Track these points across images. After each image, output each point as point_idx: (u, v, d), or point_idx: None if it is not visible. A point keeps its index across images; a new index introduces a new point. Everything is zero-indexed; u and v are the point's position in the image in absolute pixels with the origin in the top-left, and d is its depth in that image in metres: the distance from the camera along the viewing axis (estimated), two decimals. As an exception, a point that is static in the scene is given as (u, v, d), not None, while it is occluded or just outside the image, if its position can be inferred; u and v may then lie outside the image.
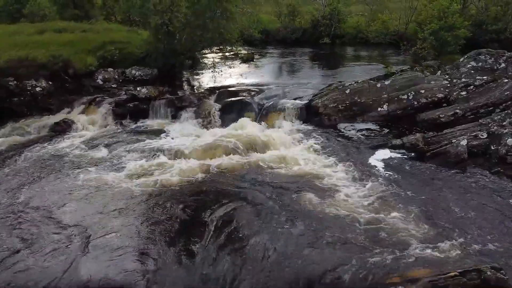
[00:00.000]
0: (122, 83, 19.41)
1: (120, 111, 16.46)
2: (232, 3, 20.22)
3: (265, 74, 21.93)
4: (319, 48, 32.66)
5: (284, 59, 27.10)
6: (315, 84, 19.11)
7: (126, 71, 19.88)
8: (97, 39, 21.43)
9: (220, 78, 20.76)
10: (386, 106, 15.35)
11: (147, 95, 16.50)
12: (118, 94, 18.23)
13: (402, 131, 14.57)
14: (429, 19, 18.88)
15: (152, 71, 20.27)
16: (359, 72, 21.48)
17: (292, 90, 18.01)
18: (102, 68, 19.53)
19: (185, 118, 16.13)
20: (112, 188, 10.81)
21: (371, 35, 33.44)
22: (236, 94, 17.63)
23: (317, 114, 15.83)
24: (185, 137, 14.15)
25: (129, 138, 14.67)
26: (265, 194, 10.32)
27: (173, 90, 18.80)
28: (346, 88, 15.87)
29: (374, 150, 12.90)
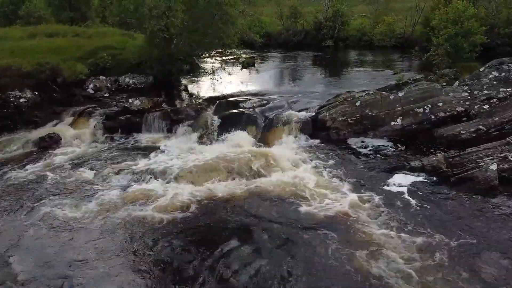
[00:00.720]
0: (115, 92, 17.96)
1: (111, 124, 14.97)
2: (232, 6, 18.69)
3: (267, 81, 20.45)
4: (322, 52, 31.18)
5: (286, 64, 25.62)
6: (321, 93, 17.64)
7: (119, 79, 18.42)
8: (89, 44, 19.95)
9: (220, 86, 19.25)
10: (400, 120, 13.85)
11: (140, 107, 15.00)
12: (110, 104, 16.79)
13: (419, 148, 13.08)
14: (443, 23, 17.35)
15: (147, 79, 18.80)
16: (366, 79, 20.01)
17: (297, 101, 16.52)
18: (94, 76, 18.08)
19: (181, 133, 14.63)
20: (85, 225, 9.24)
21: (375, 37, 31.98)
22: (237, 105, 16.13)
23: (324, 128, 14.34)
24: (180, 156, 12.63)
25: (119, 156, 13.18)
26: (267, 231, 8.82)
27: (169, 100, 17.36)
28: (356, 100, 14.36)
29: (391, 173, 11.39)
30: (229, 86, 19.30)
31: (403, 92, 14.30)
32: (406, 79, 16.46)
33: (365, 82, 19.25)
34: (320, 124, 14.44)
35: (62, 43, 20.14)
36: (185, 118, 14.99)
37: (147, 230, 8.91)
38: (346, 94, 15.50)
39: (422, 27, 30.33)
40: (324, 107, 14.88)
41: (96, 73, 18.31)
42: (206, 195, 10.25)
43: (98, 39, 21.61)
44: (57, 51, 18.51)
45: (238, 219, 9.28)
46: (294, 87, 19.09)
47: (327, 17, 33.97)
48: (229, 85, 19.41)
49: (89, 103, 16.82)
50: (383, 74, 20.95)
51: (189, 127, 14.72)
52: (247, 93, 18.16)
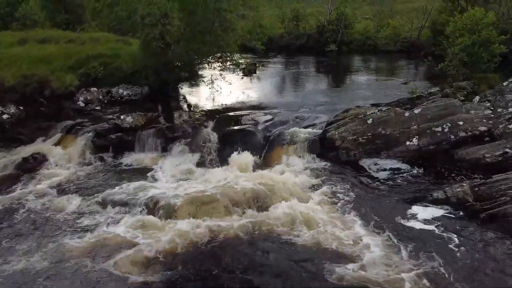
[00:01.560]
0: (107, 105, 16.61)
1: (102, 143, 13.62)
2: (232, 13, 17.32)
3: (269, 91, 19.10)
4: (325, 56, 29.81)
5: (288, 71, 24.24)
6: (327, 106, 16.31)
7: (112, 90, 17.06)
8: (81, 52, 18.57)
9: (219, 97, 17.90)
10: (416, 140, 12.50)
11: (133, 125, 13.64)
12: (102, 118, 15.44)
13: (439, 171, 11.75)
14: (458, 32, 15.97)
15: (142, 90, 17.45)
16: (374, 89, 18.65)
17: (302, 115, 15.17)
18: (85, 88, 16.70)
19: (177, 152, 13.29)
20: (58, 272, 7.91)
21: (380, 42, 30.58)
22: (237, 120, 14.77)
23: (333, 148, 12.99)
24: (176, 182, 11.27)
25: (109, 180, 11.86)
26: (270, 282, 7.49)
27: (165, 112, 16.02)
28: (368, 118, 13.00)
29: (410, 204, 10.06)
30: (229, 97, 17.96)
31: (419, 109, 12.94)
32: (419, 92, 15.07)
33: (373, 93, 17.90)
34: (329, 143, 13.09)
35: (53, 51, 18.74)
36: (181, 136, 13.63)
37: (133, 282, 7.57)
38: (356, 109, 14.15)
39: (429, 31, 29.00)
40: (332, 124, 13.52)
41: (87, 84, 16.95)
42: (203, 234, 8.89)
43: (91, 45, 20.22)
44: (47, 60, 17.14)
45: (241, 267, 7.94)
46: (298, 98, 17.71)
47: (330, 20, 32.54)
48: (229, 96, 18.07)
49: (79, 117, 15.47)
50: (392, 83, 19.60)
51: (185, 146, 13.37)
52: (248, 106, 16.82)
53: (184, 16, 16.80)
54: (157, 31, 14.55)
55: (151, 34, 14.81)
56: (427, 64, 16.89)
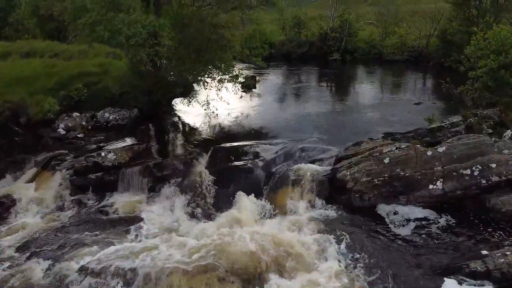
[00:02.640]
0: (91, 131, 14.77)
1: (81, 182, 11.80)
2: (230, 29, 15.44)
3: (269, 112, 17.21)
4: (328, 67, 27.84)
5: (290, 86, 22.29)
6: (335, 133, 14.51)
7: (97, 115, 15.20)
8: (65, 70, 16.69)
9: (215, 120, 16.10)
10: (440, 183, 10.66)
11: (116, 162, 11.74)
12: (85, 148, 13.63)
13: (470, 223, 10.00)
14: (480, 52, 14.08)
15: (130, 113, 15.61)
16: (385, 111, 16.77)
17: (307, 146, 13.29)
18: (66, 113, 14.80)
19: (166, 195, 11.46)
20: None
21: (386, 51, 28.61)
22: (235, 153, 12.92)
23: (344, 190, 11.16)
24: (163, 239, 9.42)
25: (85, 236, 10.02)
26: None
27: (155, 141, 14.17)
28: (384, 156, 11.13)
29: (441, 276, 8.22)
30: (226, 120, 16.12)
31: (443, 147, 11.06)
32: (439, 121, 13.19)
33: (384, 116, 16.03)
34: (339, 185, 11.25)
35: (35, 67, 16.88)
36: (171, 175, 11.79)
37: None
38: (369, 142, 12.26)
39: (437, 40, 27.06)
40: (342, 161, 11.65)
41: (69, 108, 15.07)
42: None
43: (78, 61, 18.34)
44: (25, 80, 15.23)
45: None
46: (302, 121, 15.82)
47: (333, 28, 30.56)
48: (226, 119, 16.23)
49: (58, 147, 13.63)
50: (404, 104, 17.73)
51: (175, 188, 11.53)
52: (247, 132, 15.03)
53: (177, 33, 14.93)
54: (144, 53, 12.66)
55: (138, 56, 12.92)
56: (444, 87, 15.01)
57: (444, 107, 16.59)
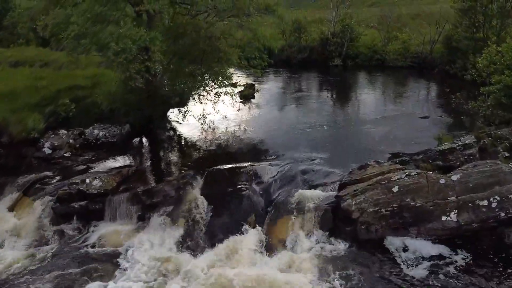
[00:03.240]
0: (79, 150, 13.79)
1: (64, 210, 10.85)
2: (226, 41, 14.44)
3: (268, 126, 16.23)
4: (329, 73, 26.84)
5: (289, 96, 21.31)
6: (338, 151, 13.60)
7: (85, 132, 14.23)
8: (53, 83, 15.67)
9: (211, 136, 15.16)
10: (454, 215, 9.71)
11: (101, 190, 10.75)
12: (71, 169, 12.68)
13: (488, 261, 9.04)
14: (492, 66, 13.07)
15: (121, 129, 14.62)
16: (390, 125, 15.79)
17: (309, 168, 12.33)
18: (52, 131, 13.82)
19: (156, 225, 10.48)
20: None
21: (389, 57, 27.57)
22: (232, 176, 11.95)
23: (349, 221, 10.20)
24: (151, 281, 8.43)
25: (68, 271, 9.11)
26: None
27: (146, 162, 13.23)
28: (393, 184, 10.16)
29: (461, 331, 7.22)
30: (223, 137, 15.14)
31: (457, 175, 10.08)
32: (449, 141, 12.16)
33: (389, 131, 15.05)
34: (344, 215, 10.28)
35: (21, 80, 15.87)
36: (162, 202, 10.81)
37: None
38: (375, 166, 11.32)
39: (442, 46, 26.02)
40: (347, 189, 10.67)
41: (56, 124, 14.08)
42: None
43: (68, 71, 17.35)
44: (9, 96, 14.23)
45: None
46: (302, 138, 14.80)
47: (334, 33, 29.54)
48: (222, 135, 15.26)
49: (43, 169, 12.70)
50: (410, 117, 16.70)
51: (166, 217, 10.56)
52: (245, 150, 14.08)
53: (170, 44, 13.95)
54: (133, 69, 11.65)
55: (127, 73, 11.93)
56: (454, 102, 14.01)
57: (453, 122, 15.59)
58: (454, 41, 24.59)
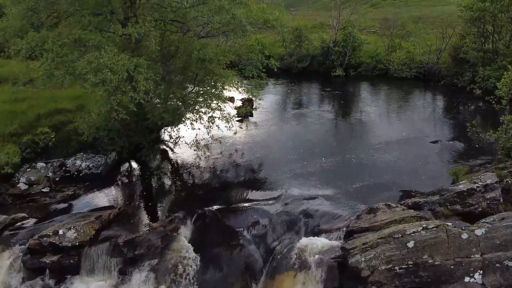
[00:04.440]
0: (59, 183, 12.48)
1: (36, 264, 9.47)
2: (220, 62, 13.06)
3: (266, 151, 14.95)
4: (331, 85, 25.42)
5: (290, 112, 19.91)
6: (342, 185, 12.23)
7: (67, 163, 12.88)
8: (33, 107, 14.25)
9: (205, 163, 13.94)
10: (479, 275, 8.36)
11: (76, 242, 9.37)
12: (49, 207, 11.33)
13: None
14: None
15: (106, 158, 13.27)
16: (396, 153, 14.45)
17: (311, 209, 10.96)
18: (29, 163, 12.44)
19: (138, 283, 9.09)
20: None
21: (393, 67, 26.07)
22: (224, 219, 10.61)
23: (358, 280, 8.82)
24: None
25: None
26: None
27: (131, 199, 11.81)
28: (408, 239, 8.81)
29: None
30: (217, 165, 13.85)
31: (482, 229, 8.73)
32: (468, 180, 10.76)
33: (395, 161, 13.72)
34: (352, 272, 8.90)
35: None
36: (145, 255, 9.47)
37: None
38: (385, 211, 9.96)
39: (448, 57, 24.56)
40: (355, 241, 9.31)
41: (34, 155, 12.70)
42: None
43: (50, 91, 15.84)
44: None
45: None
46: (303, 169, 13.39)
47: (336, 42, 28.09)
48: (217, 164, 13.94)
49: (17, 208, 11.36)
50: (418, 141, 15.36)
51: (151, 273, 9.19)
52: (241, 182, 12.77)
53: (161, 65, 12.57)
54: (115, 102, 10.25)
55: (107, 105, 10.53)
56: (471, 133, 12.60)
57: (467, 149, 14.19)
58: (462, 53, 23.14)
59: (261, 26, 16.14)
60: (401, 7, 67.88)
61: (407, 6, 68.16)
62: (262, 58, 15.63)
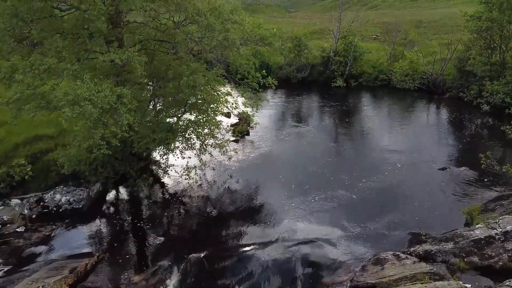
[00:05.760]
0: (36, 222, 11.32)
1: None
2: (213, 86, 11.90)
3: (263, 178, 13.87)
4: (331, 97, 24.24)
5: (288, 130, 18.71)
6: (345, 222, 11.14)
7: (45, 197, 11.69)
8: (11, 133, 13.04)
9: (196, 194, 12.81)
10: None
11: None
12: (24, 250, 10.16)
13: None
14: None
15: (89, 191, 12.15)
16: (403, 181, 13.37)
17: (312, 254, 9.78)
18: (3, 200, 11.28)
19: None
20: None
21: (395, 77, 24.84)
22: (213, 269, 9.42)
23: None
24: None
25: None
26: None
27: (113, 242, 10.65)
28: (422, 303, 7.62)
29: None
30: (210, 196, 12.72)
31: None
32: (484, 223, 9.61)
33: (404, 195, 12.56)
34: None
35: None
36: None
37: None
38: (394, 264, 8.80)
39: (455, 69, 23.36)
40: (361, 301, 8.11)
41: (9, 190, 11.54)
42: None
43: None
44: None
45: None
46: (300, 201, 12.29)
47: (336, 51, 26.87)
48: (210, 195, 12.83)
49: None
50: (425, 169, 14.17)
51: None
52: (234, 219, 11.60)
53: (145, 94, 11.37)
54: (97, 136, 9.08)
55: (87, 140, 9.36)
56: (485, 163, 11.41)
57: (478, 178, 13.02)
58: (468, 65, 21.90)
59: (257, 44, 14.89)
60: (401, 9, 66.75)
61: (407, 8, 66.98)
62: (258, 75, 14.48)
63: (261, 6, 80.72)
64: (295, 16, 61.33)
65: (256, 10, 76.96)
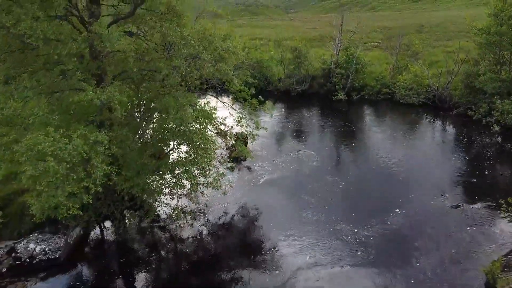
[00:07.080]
0: (7, 277, 10.05)
1: None
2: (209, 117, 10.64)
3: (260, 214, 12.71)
4: (333, 112, 22.91)
5: (288, 152, 17.37)
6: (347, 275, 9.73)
7: (17, 247, 10.43)
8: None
9: (186, 237, 11.53)
10: None
11: None
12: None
13: None
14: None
15: (67, 238, 10.88)
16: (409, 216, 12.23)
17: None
18: (-32, 252, 9.97)
19: None
20: None
21: (399, 92, 23.44)
22: None
23: None
24: None
25: None
26: None
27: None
28: None
29: None
30: (200, 242, 11.43)
31: None
32: (506, 284, 8.37)
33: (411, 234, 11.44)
34: None
35: None
36: None
37: None
38: None
39: (462, 84, 21.99)
40: None
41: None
42: None
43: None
44: None
45: None
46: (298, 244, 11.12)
47: (337, 63, 25.49)
48: (200, 240, 11.51)
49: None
50: (434, 204, 12.96)
51: None
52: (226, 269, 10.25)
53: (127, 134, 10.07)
54: (63, 196, 7.81)
55: (53, 201, 8.07)
56: (504, 211, 10.15)
57: (494, 220, 11.72)
58: (477, 83, 20.51)
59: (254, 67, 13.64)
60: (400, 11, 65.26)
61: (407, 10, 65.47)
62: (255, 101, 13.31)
63: (261, 8, 79.33)
64: (294, 18, 59.68)
65: (255, 11, 75.55)
